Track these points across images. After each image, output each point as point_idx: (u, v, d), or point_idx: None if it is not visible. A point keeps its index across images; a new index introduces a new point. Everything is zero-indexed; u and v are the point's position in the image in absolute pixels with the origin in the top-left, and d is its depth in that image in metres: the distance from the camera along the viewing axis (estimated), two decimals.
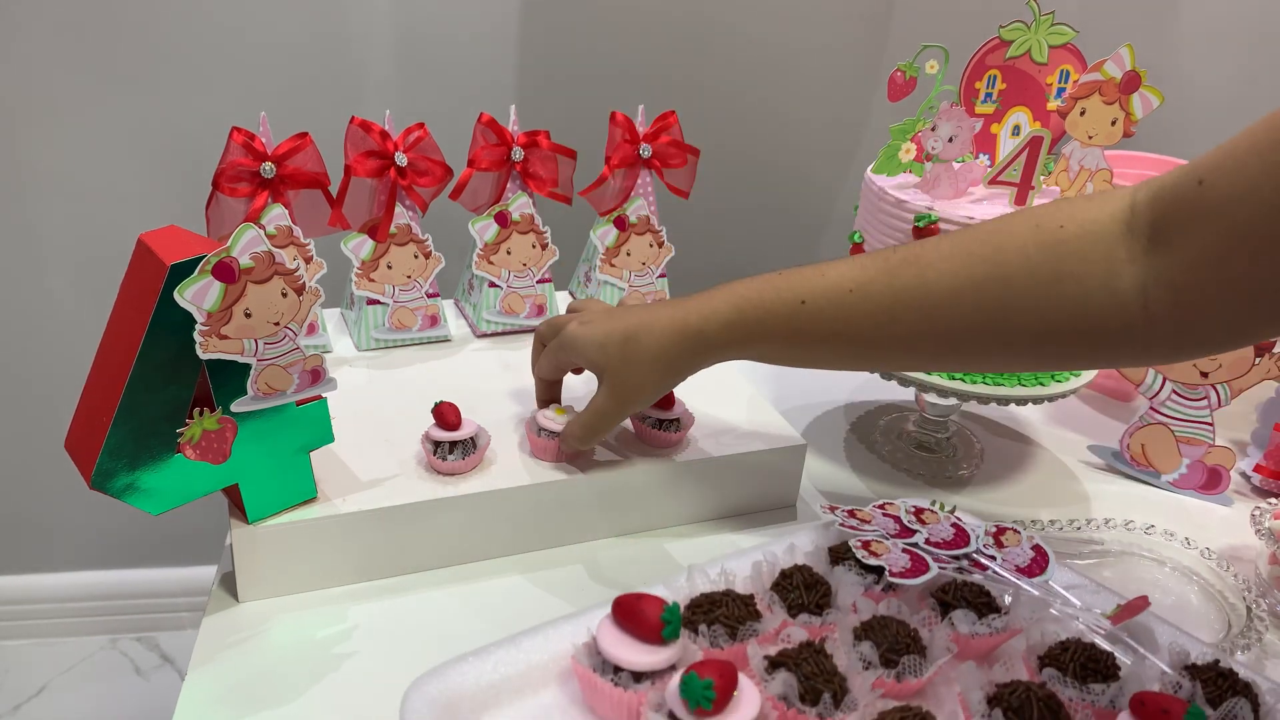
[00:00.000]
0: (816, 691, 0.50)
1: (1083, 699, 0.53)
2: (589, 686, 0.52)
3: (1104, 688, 0.53)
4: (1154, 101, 0.77)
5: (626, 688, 0.50)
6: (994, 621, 0.58)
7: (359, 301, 0.88)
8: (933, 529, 0.65)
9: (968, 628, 0.58)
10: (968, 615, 0.59)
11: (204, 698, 0.58)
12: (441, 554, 0.69)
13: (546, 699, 0.53)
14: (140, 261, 0.57)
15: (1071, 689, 0.53)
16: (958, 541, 0.64)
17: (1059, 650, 0.56)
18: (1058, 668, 0.55)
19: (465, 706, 0.51)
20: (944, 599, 0.60)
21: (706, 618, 0.56)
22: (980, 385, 0.77)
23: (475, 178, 0.89)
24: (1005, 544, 0.64)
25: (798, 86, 1.35)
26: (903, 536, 0.64)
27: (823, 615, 0.58)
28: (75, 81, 1.20)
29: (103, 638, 1.59)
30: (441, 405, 0.70)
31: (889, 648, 0.55)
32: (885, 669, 0.54)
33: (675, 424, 0.74)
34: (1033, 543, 0.64)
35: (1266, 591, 0.74)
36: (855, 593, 0.60)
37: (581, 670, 0.51)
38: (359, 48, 1.24)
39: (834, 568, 0.63)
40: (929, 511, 0.67)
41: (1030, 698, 0.50)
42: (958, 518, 0.67)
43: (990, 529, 0.66)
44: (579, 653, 0.52)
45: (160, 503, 0.59)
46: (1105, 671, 0.54)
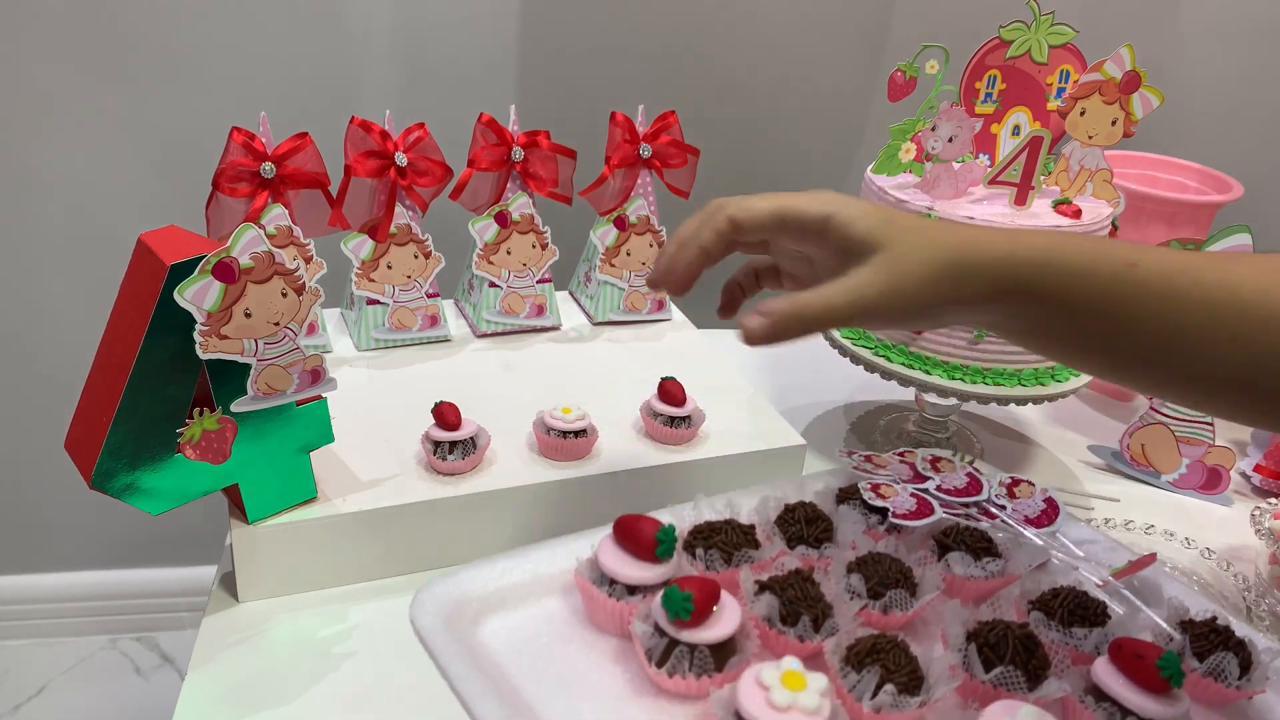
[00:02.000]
0: (797, 614, 0.52)
1: (1065, 642, 0.53)
2: (588, 597, 0.54)
3: (1086, 632, 0.53)
4: (1154, 101, 0.77)
5: (620, 599, 0.52)
6: (989, 565, 0.59)
7: (359, 301, 0.88)
8: (946, 477, 0.65)
9: (962, 569, 0.58)
10: (964, 558, 0.59)
11: (204, 698, 0.58)
12: (441, 554, 0.69)
13: (549, 607, 0.56)
14: (140, 261, 0.57)
15: (1055, 631, 0.54)
16: (970, 490, 0.64)
17: (1050, 596, 0.56)
18: (1045, 612, 0.55)
19: (472, 608, 0.53)
20: (944, 542, 0.60)
21: (705, 542, 0.57)
22: (980, 385, 0.77)
23: (475, 178, 0.89)
24: (1018, 495, 0.64)
25: (798, 86, 1.35)
26: (914, 482, 0.65)
27: (820, 549, 0.59)
28: (75, 81, 1.20)
29: (103, 638, 1.59)
30: (441, 405, 0.70)
31: (878, 581, 0.55)
32: (871, 601, 0.55)
33: (687, 420, 0.75)
34: (1045, 495, 0.64)
35: (1266, 591, 0.74)
36: (856, 530, 0.61)
37: (581, 581, 0.54)
38: (359, 48, 1.24)
39: (838, 506, 0.63)
40: (945, 460, 0.67)
41: (1008, 635, 0.50)
42: (975, 468, 0.67)
43: (1005, 480, 0.65)
44: (581, 566, 0.55)
45: (160, 503, 0.59)
46: (1092, 618, 0.54)
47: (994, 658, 0.50)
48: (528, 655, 0.52)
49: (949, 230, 0.50)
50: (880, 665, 0.48)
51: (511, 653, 0.52)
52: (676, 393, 0.75)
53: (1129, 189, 0.98)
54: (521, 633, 0.54)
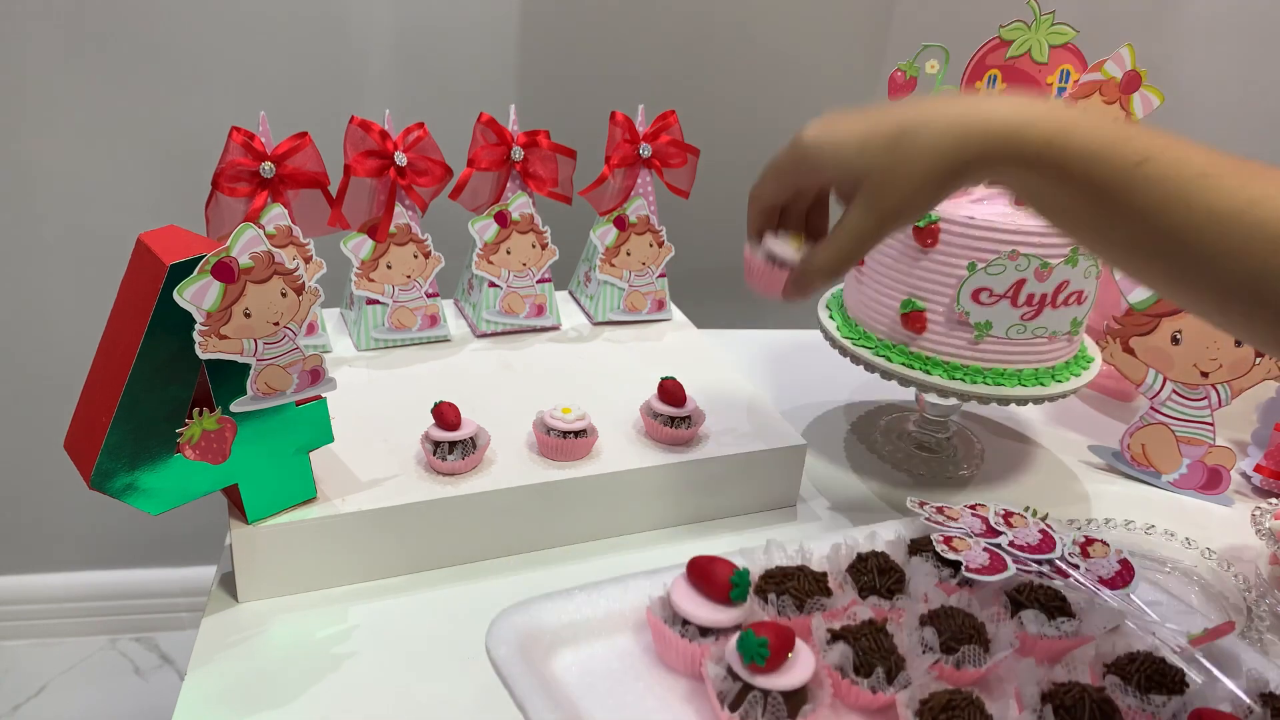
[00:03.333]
0: (871, 665, 0.52)
1: (1142, 709, 0.52)
2: (659, 636, 0.54)
3: (1165, 699, 0.52)
4: (1154, 101, 0.77)
5: (692, 640, 0.53)
6: (1064, 625, 0.58)
7: (359, 301, 0.88)
8: (1019, 532, 0.65)
9: (1036, 628, 0.58)
10: (1038, 616, 0.58)
11: (204, 698, 0.58)
12: (441, 554, 0.69)
13: (620, 644, 0.56)
14: (140, 261, 0.57)
15: (1132, 698, 0.52)
16: (1043, 547, 0.63)
17: (1126, 660, 0.55)
18: (1122, 677, 0.54)
19: (545, 640, 0.54)
20: (1017, 598, 0.60)
21: (778, 588, 0.57)
22: (980, 385, 0.77)
23: (475, 177, 0.89)
24: (1091, 554, 0.63)
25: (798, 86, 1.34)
26: (987, 536, 0.64)
27: (893, 600, 0.59)
28: (75, 81, 1.20)
29: (102, 638, 1.59)
30: (441, 405, 0.70)
31: (951, 636, 0.55)
32: (945, 655, 0.54)
33: (687, 421, 0.75)
34: (1120, 556, 0.63)
35: (1267, 591, 0.74)
36: (928, 583, 0.60)
37: (654, 620, 0.54)
38: (359, 48, 1.24)
39: (911, 558, 0.63)
40: (1018, 516, 0.67)
41: (1085, 699, 0.50)
42: (1048, 525, 0.66)
43: (1079, 539, 0.65)
44: (653, 605, 0.55)
45: (160, 503, 0.59)
46: (1170, 686, 0.53)
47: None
48: (599, 691, 0.52)
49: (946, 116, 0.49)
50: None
51: (583, 687, 0.52)
52: (677, 393, 0.75)
53: None
54: (593, 667, 0.54)
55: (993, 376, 0.78)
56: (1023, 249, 0.73)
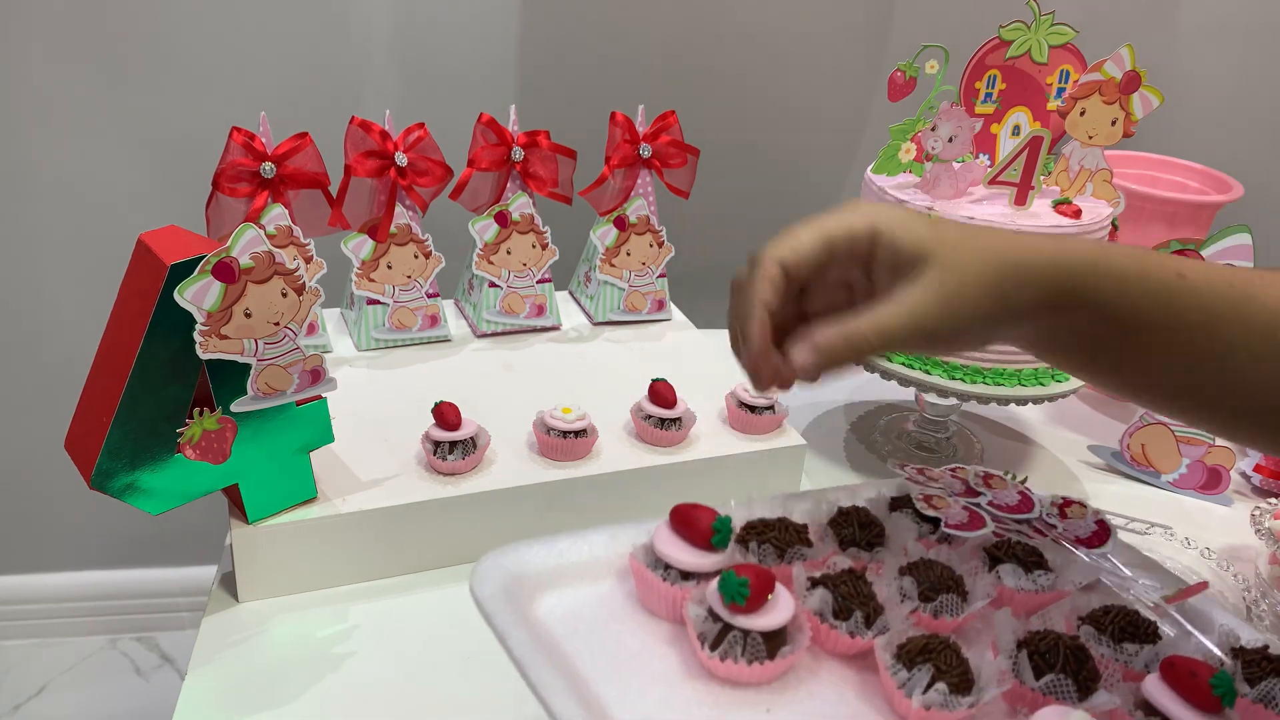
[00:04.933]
0: (849, 609, 0.52)
1: (1115, 657, 0.53)
2: (642, 581, 0.55)
3: (1138, 649, 0.53)
4: (1154, 101, 0.77)
5: (674, 584, 0.53)
6: (1040, 578, 0.58)
7: (359, 301, 0.88)
8: (998, 494, 0.65)
9: (1013, 581, 0.58)
10: (1015, 569, 0.59)
11: (204, 698, 0.58)
12: (441, 554, 0.69)
13: (604, 589, 0.57)
14: (140, 261, 0.57)
15: (1105, 647, 0.53)
16: (1021, 507, 0.64)
17: (1100, 612, 0.55)
18: (1096, 627, 0.55)
19: (530, 583, 0.55)
20: (995, 554, 0.60)
21: (759, 537, 0.58)
22: (980, 385, 0.77)
23: (475, 178, 0.89)
24: (1069, 515, 0.64)
25: (798, 86, 1.34)
26: (966, 496, 0.65)
27: (872, 552, 0.59)
28: (75, 81, 1.20)
29: (103, 638, 1.59)
30: (441, 405, 0.70)
31: (930, 586, 0.55)
32: (923, 604, 0.55)
33: (677, 423, 0.74)
34: (1097, 517, 0.64)
35: (1267, 591, 0.74)
36: (908, 538, 0.61)
37: (636, 565, 0.55)
38: (359, 48, 1.24)
39: (891, 514, 0.64)
40: (997, 478, 0.68)
41: (1059, 644, 0.50)
42: (1026, 488, 0.67)
43: (1056, 500, 0.66)
44: (636, 551, 0.56)
45: (160, 503, 0.59)
46: (1143, 636, 0.54)
47: (1044, 666, 0.50)
48: (581, 633, 0.53)
49: (994, 236, 0.47)
50: (932, 664, 0.48)
51: (566, 630, 0.52)
52: (667, 395, 0.75)
53: (1129, 189, 0.98)
54: (576, 610, 0.54)
55: (993, 376, 0.78)
56: None
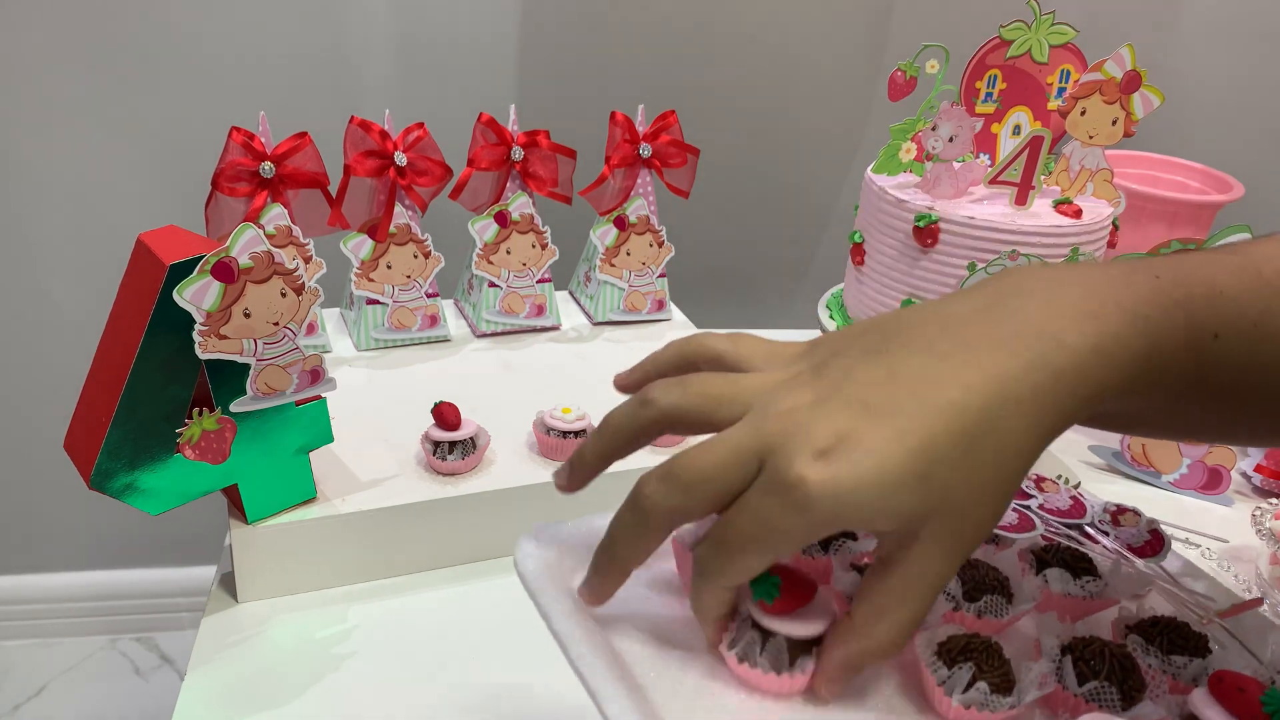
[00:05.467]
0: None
1: (1163, 669, 0.52)
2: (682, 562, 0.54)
3: (1186, 661, 0.52)
4: (1154, 101, 0.77)
5: None
6: (1088, 585, 0.57)
7: (358, 301, 0.88)
8: (1050, 497, 0.65)
9: (1060, 586, 0.57)
10: (1062, 575, 0.58)
11: (203, 698, 0.57)
12: (441, 554, 0.69)
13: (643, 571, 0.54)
14: (140, 261, 0.57)
15: (1153, 658, 0.52)
16: (1073, 512, 0.64)
17: (1149, 623, 0.54)
18: (1145, 638, 0.53)
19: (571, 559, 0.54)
20: (1043, 558, 0.59)
21: None
22: None
23: (475, 177, 0.89)
24: (1122, 523, 0.64)
25: (798, 86, 1.34)
26: (1018, 499, 0.64)
27: None
28: (75, 81, 1.20)
29: (102, 638, 1.59)
30: (441, 405, 0.70)
31: (974, 585, 0.54)
32: (967, 604, 0.54)
33: None
34: (1151, 526, 0.63)
35: (1267, 592, 0.74)
36: None
37: (677, 546, 0.54)
38: (359, 48, 1.24)
39: None
40: (1050, 482, 0.67)
41: (1105, 652, 0.49)
42: (1079, 492, 0.67)
43: (1110, 507, 0.65)
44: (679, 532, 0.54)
45: (159, 503, 0.59)
46: (1193, 649, 0.53)
47: (1089, 672, 0.49)
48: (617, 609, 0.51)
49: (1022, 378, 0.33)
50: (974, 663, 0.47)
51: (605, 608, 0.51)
52: None
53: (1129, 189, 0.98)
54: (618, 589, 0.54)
55: None
56: (1023, 249, 0.73)
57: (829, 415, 0.33)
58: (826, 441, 0.32)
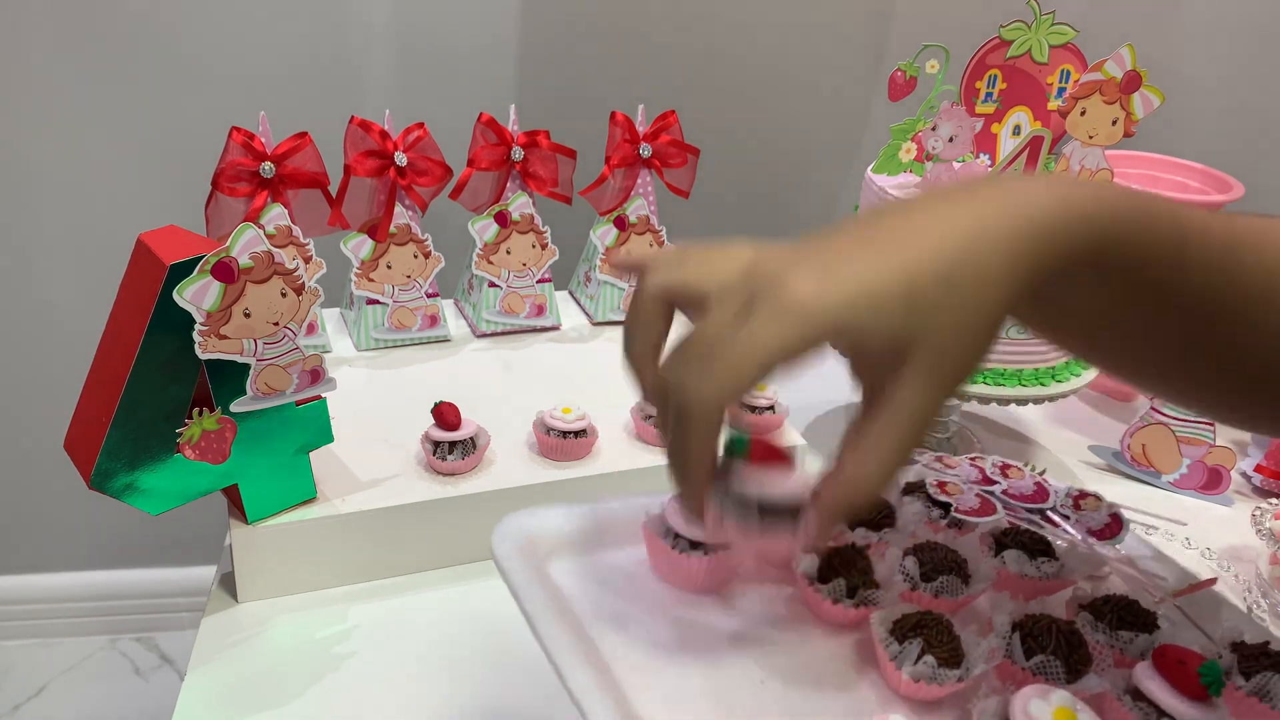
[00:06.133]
0: (834, 573, 0.52)
1: (1110, 644, 0.53)
2: (652, 548, 0.55)
3: (1133, 636, 0.53)
4: (1154, 101, 0.77)
5: (683, 553, 0.53)
6: (1044, 565, 0.58)
7: (359, 301, 0.88)
8: (1014, 483, 0.66)
9: (1016, 566, 0.58)
10: (1019, 556, 0.59)
11: (203, 698, 0.58)
12: (441, 554, 0.69)
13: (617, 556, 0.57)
14: (140, 261, 0.57)
15: (1101, 634, 0.53)
16: (1036, 497, 0.64)
17: (1101, 601, 0.56)
18: (1094, 614, 0.55)
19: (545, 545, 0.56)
20: (1002, 540, 0.60)
21: None
22: (980, 385, 0.77)
23: (475, 177, 0.89)
24: (1083, 507, 0.64)
25: (798, 86, 1.34)
26: (981, 484, 0.65)
27: (880, 533, 0.59)
28: (75, 81, 1.20)
29: (102, 638, 1.59)
30: (441, 405, 0.70)
31: (932, 567, 0.55)
32: (924, 584, 0.55)
33: None
34: (1111, 510, 0.64)
35: (1267, 591, 0.74)
36: (917, 521, 0.61)
37: (648, 533, 0.55)
38: (359, 48, 1.24)
39: (903, 498, 0.64)
40: (1014, 468, 0.68)
41: (1053, 627, 0.50)
42: (1043, 479, 0.67)
43: (1073, 491, 0.66)
44: (649, 520, 0.56)
45: (159, 503, 0.59)
46: (1141, 625, 0.54)
47: (1036, 646, 0.50)
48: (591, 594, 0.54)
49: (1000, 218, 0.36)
50: (923, 639, 0.48)
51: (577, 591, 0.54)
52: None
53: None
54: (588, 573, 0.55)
55: (993, 376, 0.78)
56: None
57: (816, 257, 0.36)
58: (817, 270, 0.35)
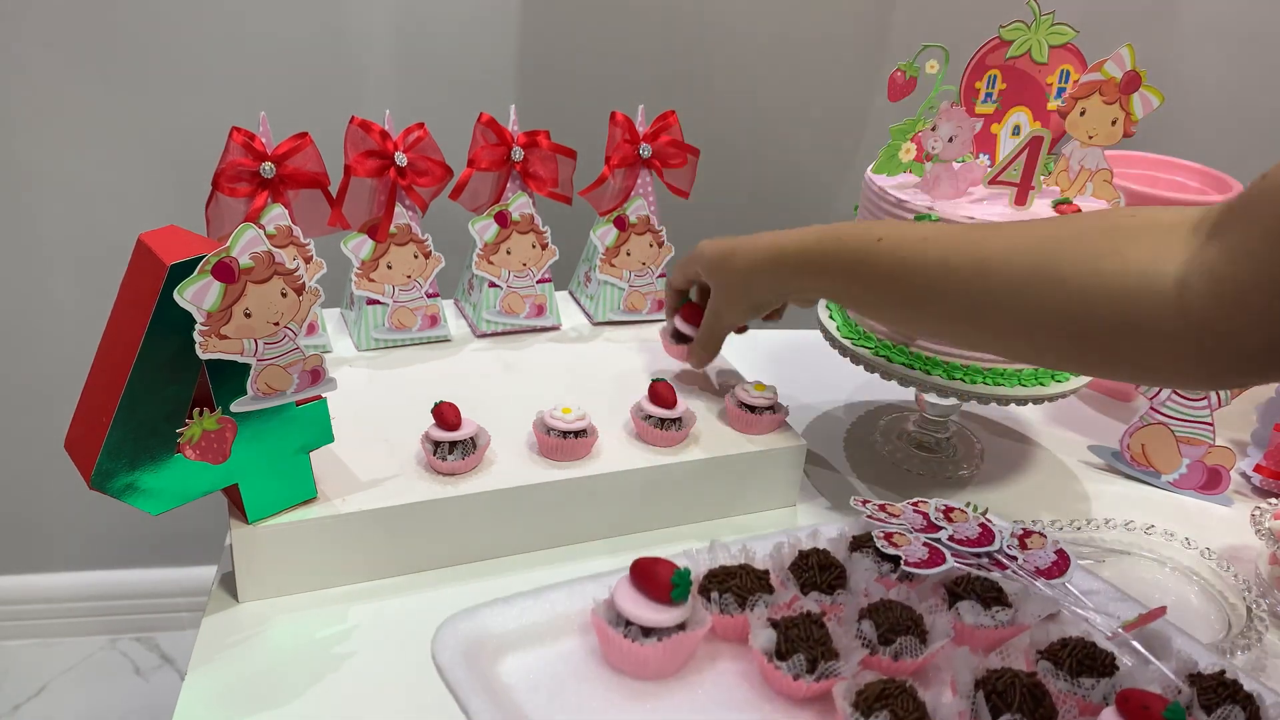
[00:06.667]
0: (793, 650, 0.53)
1: (1072, 692, 0.54)
2: (604, 638, 0.56)
3: (1094, 682, 0.54)
4: (1154, 101, 0.77)
5: (635, 640, 0.54)
6: (999, 614, 0.59)
7: (359, 301, 0.88)
8: (959, 527, 0.66)
9: (972, 618, 0.59)
10: (974, 606, 0.59)
11: (204, 698, 0.58)
12: (441, 554, 0.69)
13: (567, 646, 0.57)
14: (140, 261, 0.57)
15: (1063, 681, 0.54)
16: (982, 540, 0.65)
17: (1059, 646, 0.56)
18: (1054, 661, 0.55)
19: (491, 645, 0.56)
20: (955, 590, 0.61)
21: (720, 586, 0.59)
22: (980, 385, 0.77)
23: (475, 178, 0.89)
24: (1029, 546, 0.65)
25: (798, 86, 1.35)
26: (927, 531, 0.65)
27: (833, 595, 0.60)
28: (75, 81, 1.20)
29: (103, 638, 1.59)
30: (441, 405, 0.70)
31: (889, 628, 0.56)
32: (882, 647, 0.55)
33: (677, 423, 0.74)
34: (1056, 547, 0.64)
35: (1267, 591, 0.74)
36: (868, 578, 0.61)
37: (598, 622, 0.56)
38: (359, 48, 1.24)
39: (852, 554, 0.64)
40: (959, 511, 0.68)
41: (1015, 683, 0.51)
42: (988, 519, 0.67)
43: (1017, 531, 0.66)
44: (598, 607, 0.56)
45: (160, 503, 0.59)
46: (1100, 669, 0.54)
47: (1001, 705, 0.50)
48: (544, 692, 0.53)
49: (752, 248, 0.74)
50: (889, 710, 0.49)
51: (528, 689, 0.53)
52: (667, 395, 0.75)
53: (1129, 189, 0.98)
54: (539, 670, 0.55)
55: (993, 376, 0.78)
56: None
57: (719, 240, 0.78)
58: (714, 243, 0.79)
